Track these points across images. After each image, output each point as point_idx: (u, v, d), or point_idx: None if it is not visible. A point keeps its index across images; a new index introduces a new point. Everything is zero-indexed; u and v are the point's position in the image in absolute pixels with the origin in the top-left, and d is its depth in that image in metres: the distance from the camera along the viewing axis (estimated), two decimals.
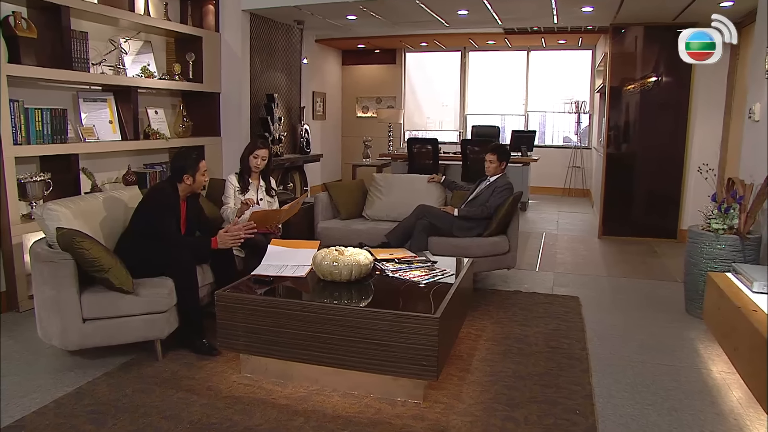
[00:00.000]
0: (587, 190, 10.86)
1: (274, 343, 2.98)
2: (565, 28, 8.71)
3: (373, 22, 7.14)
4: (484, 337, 3.79)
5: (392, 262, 3.58)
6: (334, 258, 3.17)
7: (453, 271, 3.51)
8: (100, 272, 3.05)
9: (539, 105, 11.48)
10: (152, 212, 3.50)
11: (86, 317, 3.09)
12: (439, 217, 4.80)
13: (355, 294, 3.15)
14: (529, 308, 4.40)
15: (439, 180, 5.44)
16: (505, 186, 4.90)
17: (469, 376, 3.18)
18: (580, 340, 3.76)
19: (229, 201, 4.41)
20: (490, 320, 4.11)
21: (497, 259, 4.76)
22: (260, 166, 4.47)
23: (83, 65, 4.68)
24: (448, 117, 12.05)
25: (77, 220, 3.36)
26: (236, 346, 3.08)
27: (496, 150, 5.01)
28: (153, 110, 5.61)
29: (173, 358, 3.34)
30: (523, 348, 3.61)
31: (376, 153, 9.96)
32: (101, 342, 3.15)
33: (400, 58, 11.76)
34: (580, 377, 3.20)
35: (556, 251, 6.41)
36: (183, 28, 5.75)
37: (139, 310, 3.18)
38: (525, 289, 4.93)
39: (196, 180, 3.65)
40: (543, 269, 5.64)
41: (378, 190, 5.49)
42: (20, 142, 4.15)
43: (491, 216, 4.81)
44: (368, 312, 2.83)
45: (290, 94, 7.55)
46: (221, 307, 3.04)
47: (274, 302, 3.01)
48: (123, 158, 5.34)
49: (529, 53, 11.28)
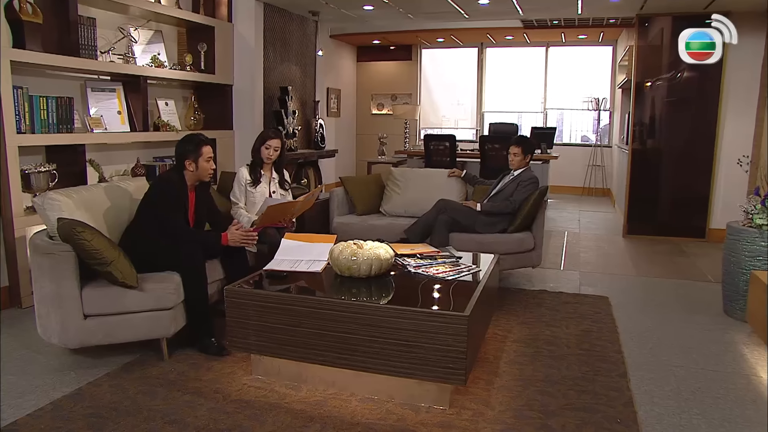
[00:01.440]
0: (608, 190, 10.59)
1: (287, 343, 2.76)
2: (586, 22, 8.44)
3: (389, 13, 6.94)
4: (510, 338, 3.55)
5: (414, 258, 3.35)
6: (353, 252, 2.94)
7: (479, 267, 3.28)
8: (102, 265, 2.85)
9: (557, 102, 11.21)
10: (158, 204, 3.29)
11: (87, 313, 2.89)
12: (461, 212, 4.57)
13: (375, 290, 2.92)
14: (557, 308, 4.15)
15: (460, 174, 5.21)
16: (530, 180, 4.67)
17: (497, 381, 2.94)
18: (614, 342, 3.51)
19: (239, 200, 4.21)
20: (516, 321, 3.86)
21: (522, 257, 4.52)
22: (272, 157, 4.27)
23: (91, 53, 4.50)
24: (463, 116, 11.82)
25: (80, 210, 3.17)
26: (247, 346, 2.86)
27: (521, 142, 4.77)
28: (163, 102, 5.43)
29: (180, 358, 3.13)
30: (554, 350, 3.37)
31: (392, 150, 9.74)
32: (103, 340, 2.95)
33: (416, 55, 11.54)
34: (618, 382, 2.95)
35: (579, 250, 6.15)
36: (195, 17, 5.56)
37: (143, 307, 2.97)
38: (551, 288, 4.69)
39: (199, 166, 3.42)
40: (568, 268, 5.38)
41: (396, 185, 5.26)
42: (24, 131, 3.98)
43: (516, 211, 4.57)
44: (390, 310, 2.60)
45: (304, 88, 7.35)
46: (231, 303, 2.83)
47: (288, 299, 2.79)
48: (132, 151, 5.16)
49: (548, 49, 11.02)
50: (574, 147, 11.02)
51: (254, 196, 4.24)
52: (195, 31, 5.71)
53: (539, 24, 8.88)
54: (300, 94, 7.19)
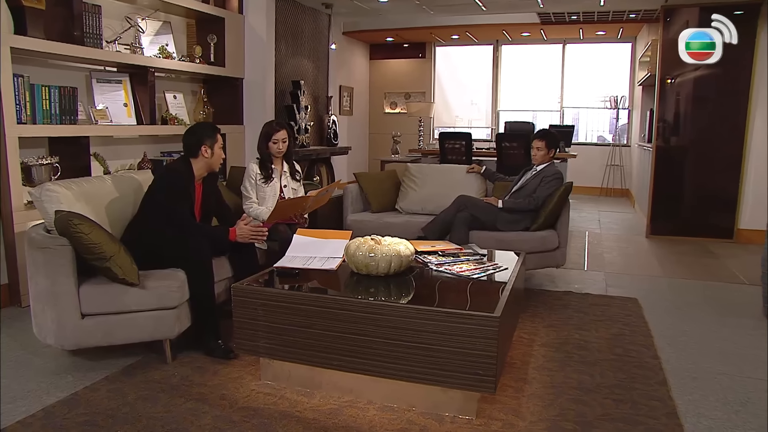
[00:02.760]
0: (626, 190, 10.31)
1: (299, 346, 2.54)
2: (606, 16, 8.19)
3: (404, 6, 6.74)
4: (538, 341, 3.31)
5: (435, 255, 3.12)
6: (371, 248, 2.72)
7: (505, 266, 3.05)
8: (101, 260, 2.65)
9: (574, 101, 10.95)
10: (164, 194, 3.09)
11: (85, 312, 2.69)
12: (481, 209, 4.34)
13: (395, 289, 2.69)
14: (584, 310, 3.91)
15: (479, 170, 4.98)
16: (554, 175, 4.43)
17: (527, 388, 2.71)
18: (649, 347, 3.26)
19: (250, 194, 4.01)
20: (542, 323, 3.63)
21: (546, 256, 4.28)
22: (282, 150, 4.06)
23: (96, 41, 4.31)
24: (477, 116, 11.59)
25: (80, 202, 2.98)
26: (255, 349, 2.64)
27: (544, 136, 4.54)
28: (171, 95, 5.25)
29: (184, 362, 2.92)
30: (585, 355, 3.13)
31: (405, 149, 9.53)
32: (102, 341, 2.74)
33: (430, 52, 11.31)
34: (658, 391, 2.71)
35: (602, 250, 5.90)
36: (204, 8, 5.37)
37: (145, 306, 2.76)
38: (576, 289, 4.44)
39: (215, 152, 3.23)
40: (592, 268, 5.13)
41: (412, 181, 5.04)
42: (25, 122, 3.80)
43: (539, 208, 4.34)
44: (412, 310, 2.37)
45: (317, 83, 7.15)
46: (239, 303, 2.62)
47: (301, 298, 2.57)
48: (138, 145, 4.98)
49: (565, 46, 10.75)
50: (591, 146, 10.74)
51: (265, 190, 4.04)
52: (205, 23, 5.53)
53: (557, 19, 8.64)
54: (312, 89, 6.99)
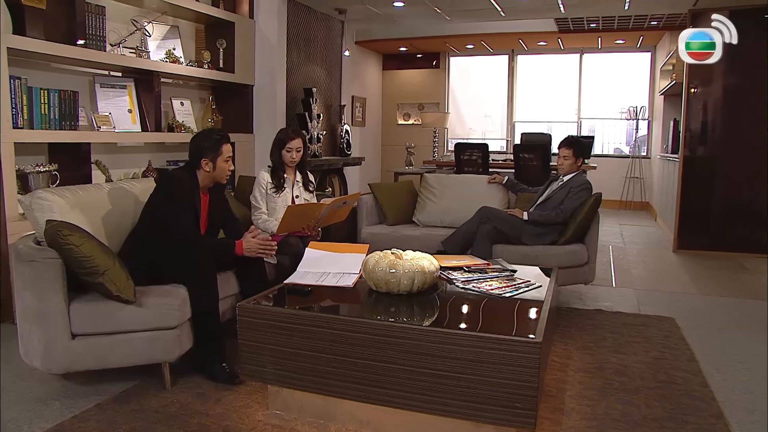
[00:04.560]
0: (647, 203, 9.99)
1: (312, 373, 2.27)
2: (626, 23, 7.95)
3: (419, 12, 6.52)
4: (572, 366, 3.02)
5: (460, 271, 2.85)
6: (392, 263, 2.45)
7: (538, 283, 2.77)
8: (94, 275, 2.40)
9: (591, 112, 10.68)
10: (164, 203, 2.84)
11: (75, 332, 2.44)
12: (505, 222, 4.06)
13: (419, 309, 2.42)
14: (618, 331, 3.62)
15: (501, 180, 4.71)
16: (582, 186, 4.17)
17: (565, 420, 2.42)
18: (696, 373, 2.96)
19: (260, 204, 3.77)
20: (575, 345, 3.33)
21: (574, 272, 4.00)
22: (295, 159, 3.82)
23: (99, 44, 4.11)
24: (491, 128, 11.35)
25: (74, 211, 2.74)
26: (263, 375, 2.38)
27: (572, 143, 4.28)
28: (179, 101, 5.03)
29: (184, 387, 2.65)
30: (626, 382, 2.83)
31: (419, 161, 9.28)
32: (94, 365, 2.49)
33: (444, 62, 11.10)
34: (715, 426, 2.41)
35: (629, 265, 5.60)
36: (213, 11, 5.17)
37: (142, 325, 2.50)
38: (606, 307, 4.15)
39: (217, 166, 2.97)
40: (621, 285, 4.84)
41: (430, 192, 4.78)
42: (22, 126, 3.58)
43: (567, 220, 4.06)
44: (439, 334, 2.10)
45: (330, 92, 6.93)
46: (245, 324, 2.36)
47: (313, 319, 2.30)
48: (143, 153, 4.76)
49: (582, 56, 10.52)
50: (609, 158, 10.44)
51: (275, 201, 3.79)
52: (214, 27, 5.33)
53: (575, 27, 8.41)
54: (325, 97, 6.77)
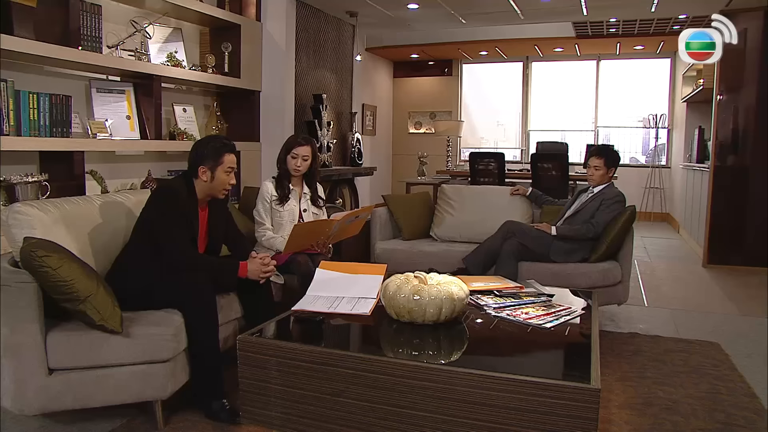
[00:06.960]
0: (667, 214, 9.65)
1: (323, 418, 1.96)
2: (647, 27, 7.64)
3: (433, 15, 6.23)
4: (614, 402, 2.68)
5: (491, 295, 2.53)
6: (416, 289, 2.13)
7: (578, 309, 2.44)
8: (74, 302, 2.09)
9: (607, 120, 10.37)
10: (157, 218, 2.53)
11: (53, 367, 2.13)
12: (532, 237, 3.74)
13: (447, 344, 2.10)
14: (660, 358, 3.28)
15: (525, 192, 4.39)
16: (615, 198, 3.85)
17: None
18: (759, 412, 2.61)
19: (264, 219, 3.46)
20: (614, 376, 2.99)
21: (607, 292, 3.68)
22: (301, 168, 3.51)
23: (95, 45, 3.82)
24: (503, 137, 11.08)
25: (58, 227, 2.44)
26: (267, 420, 2.06)
27: (603, 152, 3.97)
28: (181, 108, 4.74)
29: (178, 425, 2.34)
30: (680, 423, 2.49)
31: (432, 171, 8.98)
32: (74, 404, 2.17)
33: (457, 70, 10.82)
34: None
35: (659, 282, 5.26)
36: (218, 13, 4.89)
37: (130, 358, 2.19)
38: (641, 330, 3.81)
39: (216, 177, 2.66)
40: (654, 305, 4.49)
41: (449, 205, 4.46)
42: (8, 133, 3.30)
43: (598, 236, 3.74)
44: (475, 377, 1.77)
45: (340, 99, 6.64)
46: (246, 360, 2.04)
47: (325, 355, 1.98)
48: (143, 163, 4.47)
49: (600, 62, 10.21)
50: (628, 168, 10.10)
51: (281, 215, 3.49)
52: (219, 30, 5.05)
53: (594, 32, 8.11)
54: (335, 104, 6.48)
